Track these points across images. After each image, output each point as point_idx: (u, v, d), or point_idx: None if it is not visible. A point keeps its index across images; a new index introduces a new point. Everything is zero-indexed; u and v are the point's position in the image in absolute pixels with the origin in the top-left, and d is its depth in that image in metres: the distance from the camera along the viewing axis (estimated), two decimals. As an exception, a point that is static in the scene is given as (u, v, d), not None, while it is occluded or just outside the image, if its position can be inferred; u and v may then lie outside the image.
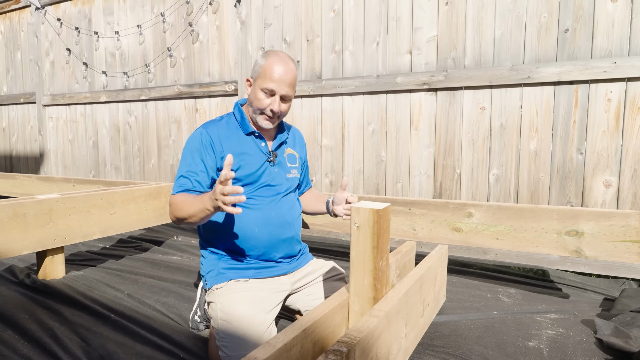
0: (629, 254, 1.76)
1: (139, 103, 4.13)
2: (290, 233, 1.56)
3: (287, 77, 1.47)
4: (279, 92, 1.47)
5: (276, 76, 1.45)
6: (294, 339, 0.90)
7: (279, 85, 1.46)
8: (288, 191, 1.60)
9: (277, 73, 1.45)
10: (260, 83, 1.48)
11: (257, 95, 1.49)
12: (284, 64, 1.47)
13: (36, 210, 2.03)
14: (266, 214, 1.51)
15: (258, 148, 1.56)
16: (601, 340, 1.55)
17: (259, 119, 1.52)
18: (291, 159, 1.65)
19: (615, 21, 2.30)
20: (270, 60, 1.47)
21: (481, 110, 2.66)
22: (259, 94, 1.48)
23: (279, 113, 1.51)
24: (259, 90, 1.48)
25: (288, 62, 1.49)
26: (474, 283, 2.26)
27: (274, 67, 1.46)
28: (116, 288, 2.11)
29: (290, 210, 1.59)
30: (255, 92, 1.50)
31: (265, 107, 1.48)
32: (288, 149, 1.66)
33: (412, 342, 1.31)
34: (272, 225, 1.51)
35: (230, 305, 1.40)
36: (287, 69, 1.47)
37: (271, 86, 1.46)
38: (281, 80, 1.46)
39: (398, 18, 2.86)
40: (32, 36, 4.82)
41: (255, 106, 1.50)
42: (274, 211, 1.53)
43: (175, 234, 3.27)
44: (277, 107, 1.48)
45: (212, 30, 3.65)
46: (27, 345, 1.56)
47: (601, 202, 2.39)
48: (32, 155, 5.07)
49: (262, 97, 1.48)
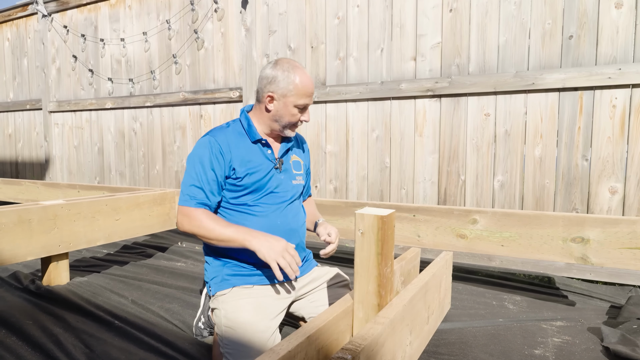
0: (636, 261, 1.74)
1: (144, 109, 4.16)
2: (296, 240, 1.56)
3: (313, 88, 1.55)
4: (309, 104, 1.55)
5: (309, 91, 1.51)
6: (298, 346, 0.89)
7: (310, 98, 1.54)
8: (293, 198, 1.60)
9: (309, 88, 1.51)
10: (294, 100, 1.50)
11: (290, 111, 1.51)
12: (307, 77, 1.52)
13: (41, 217, 2.04)
14: (272, 221, 1.51)
15: (264, 156, 1.56)
16: (608, 349, 1.53)
17: (287, 131, 1.55)
18: (296, 166, 1.65)
19: (620, 27, 2.30)
20: (301, 78, 1.50)
21: (485, 116, 2.65)
22: (292, 110, 1.51)
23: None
24: (291, 107, 1.50)
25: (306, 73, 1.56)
26: (479, 290, 2.24)
27: (306, 84, 1.50)
28: (120, 294, 2.11)
29: (295, 218, 1.58)
30: (287, 108, 1.51)
31: (297, 120, 1.54)
32: (293, 155, 1.66)
33: (417, 349, 1.30)
34: (278, 233, 1.50)
35: (234, 311, 1.39)
36: (311, 80, 1.54)
37: (306, 101, 1.52)
38: (312, 92, 1.54)
39: (402, 25, 2.88)
40: (38, 43, 4.87)
41: (288, 121, 1.53)
42: (280, 219, 1.53)
43: (180, 240, 3.27)
44: (307, 116, 1.55)
45: (217, 37, 3.68)
46: (31, 351, 1.56)
47: (607, 209, 2.38)
48: (38, 161, 5.10)
49: (296, 113, 1.52)
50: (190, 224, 1.45)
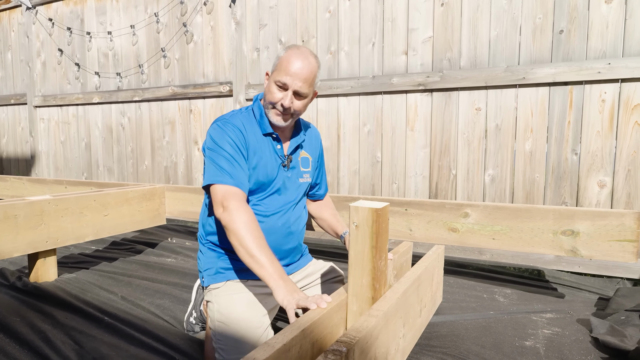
0: (624, 253, 1.76)
1: (132, 104, 4.10)
2: (294, 243, 1.52)
3: (304, 72, 1.37)
4: (292, 87, 1.38)
5: (292, 69, 1.36)
6: (292, 339, 0.88)
7: (293, 79, 1.37)
8: (298, 199, 1.52)
9: (292, 66, 1.37)
10: (275, 75, 1.40)
11: (270, 89, 1.41)
12: (302, 58, 1.38)
13: (27, 212, 2.00)
14: (273, 222, 1.45)
15: (274, 150, 1.47)
16: (597, 339, 1.55)
17: (270, 113, 1.43)
18: (305, 163, 1.57)
19: (610, 22, 2.32)
20: (289, 53, 1.39)
21: (477, 111, 2.66)
22: (272, 86, 1.40)
23: (291, 110, 1.41)
24: (272, 84, 1.41)
25: (308, 57, 1.39)
26: (470, 283, 2.26)
27: (290, 60, 1.37)
28: (109, 290, 2.08)
29: (296, 221, 1.52)
30: (269, 85, 1.42)
31: (277, 101, 1.40)
32: (302, 151, 1.57)
33: (410, 342, 1.30)
34: (277, 235, 1.46)
35: (227, 306, 1.38)
36: (305, 63, 1.38)
37: (284, 79, 1.37)
38: (296, 74, 1.36)
39: (394, 19, 2.87)
40: (23, 36, 4.77)
41: (268, 99, 1.42)
42: (281, 221, 1.47)
43: (170, 236, 3.24)
44: (288, 102, 1.39)
45: (206, 31, 3.63)
46: (19, 348, 1.53)
47: (595, 202, 2.40)
48: (23, 157, 5.00)
49: (274, 91, 1.40)
50: (232, 217, 1.25)
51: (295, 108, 1.41)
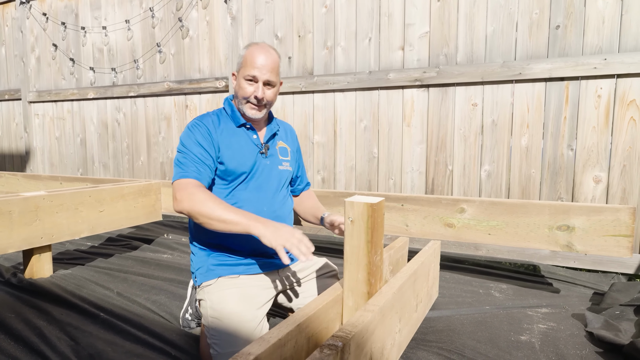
0: (619, 248, 1.77)
1: (127, 100, 4.07)
2: None
3: (268, 62, 1.50)
4: (262, 78, 1.50)
5: (258, 63, 1.49)
6: (288, 334, 0.88)
7: (260, 71, 1.49)
8: (280, 186, 1.59)
9: (257, 59, 1.49)
10: (243, 72, 1.52)
11: (241, 85, 1.52)
12: (264, 51, 1.50)
13: (22, 208, 1.98)
14: (257, 208, 1.50)
15: (250, 140, 1.55)
16: (591, 334, 1.56)
17: (246, 108, 1.54)
18: (283, 152, 1.64)
19: (606, 18, 2.32)
20: (251, 49, 1.52)
21: (473, 106, 2.66)
22: (242, 83, 1.52)
23: (264, 101, 1.52)
24: (242, 80, 1.52)
25: (269, 50, 1.52)
26: (466, 279, 2.27)
27: (254, 54, 1.50)
28: (105, 286, 2.07)
29: (282, 206, 1.58)
30: (239, 82, 1.54)
31: (250, 94, 1.51)
32: (280, 142, 1.65)
33: (406, 337, 1.30)
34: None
35: (220, 302, 1.38)
36: (268, 55, 1.50)
37: (253, 72, 1.49)
38: (262, 66, 1.49)
39: (390, 14, 2.86)
40: (16, 31, 4.73)
41: (241, 96, 1.53)
42: (266, 205, 1.52)
43: (166, 232, 3.23)
44: (260, 93, 1.50)
45: (202, 26, 3.61)
46: (14, 345, 1.52)
47: (591, 198, 2.41)
48: (18, 153, 4.97)
49: (245, 86, 1.51)
50: (191, 201, 1.35)
51: (267, 98, 1.52)
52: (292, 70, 3.23)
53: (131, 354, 1.46)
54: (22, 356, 1.44)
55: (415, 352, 1.45)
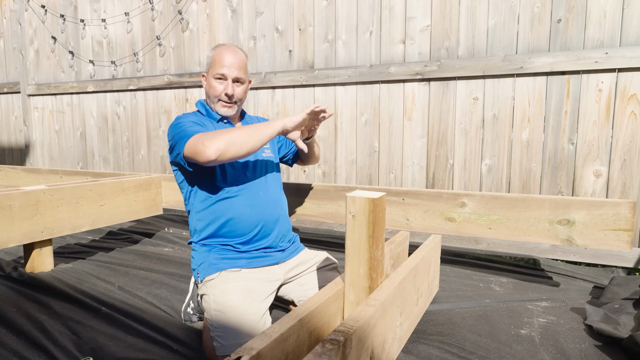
0: (619, 242, 1.77)
1: (127, 93, 4.06)
2: (279, 211, 1.60)
3: (236, 61, 1.56)
4: (230, 76, 1.56)
5: (226, 62, 1.55)
6: (290, 328, 0.89)
7: (229, 69, 1.56)
8: (268, 171, 1.64)
9: (225, 58, 1.56)
10: (212, 72, 1.58)
11: (211, 84, 1.58)
12: (231, 51, 1.58)
13: (22, 202, 1.98)
14: (253, 193, 1.55)
15: None
16: (591, 327, 1.57)
17: (218, 107, 1.59)
18: None
19: (607, 11, 2.31)
20: (218, 50, 1.59)
21: (474, 100, 2.66)
22: (212, 82, 1.58)
23: (234, 98, 1.58)
24: (212, 79, 1.58)
25: (235, 49, 1.60)
26: (466, 272, 2.27)
27: (221, 54, 1.57)
28: (107, 280, 2.08)
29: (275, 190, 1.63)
30: (209, 82, 1.60)
31: (220, 92, 1.57)
32: None
33: (407, 330, 1.31)
34: (261, 205, 1.55)
35: (223, 295, 1.39)
36: (235, 54, 1.58)
37: (222, 71, 1.55)
38: (231, 64, 1.56)
39: (391, 7, 2.84)
40: (15, 24, 4.70)
41: (212, 95, 1.59)
42: (261, 190, 1.58)
43: (167, 226, 3.23)
44: (230, 89, 1.56)
45: (202, 19, 3.59)
46: (16, 339, 1.53)
47: (591, 192, 2.41)
48: (17, 146, 4.96)
49: (215, 84, 1.57)
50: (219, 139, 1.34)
51: (237, 95, 1.59)
52: (292, 63, 3.21)
53: (133, 348, 1.47)
54: (24, 350, 1.45)
55: (416, 345, 1.46)
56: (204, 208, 1.54)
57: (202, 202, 1.54)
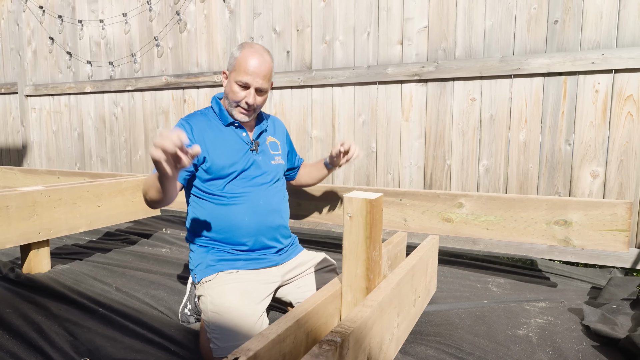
0: (616, 242, 1.78)
1: (125, 94, 4.05)
2: (279, 221, 1.57)
3: (262, 69, 1.46)
4: (254, 85, 1.47)
5: (250, 69, 1.45)
6: (287, 329, 0.89)
7: (254, 78, 1.46)
8: (274, 180, 1.60)
9: (251, 66, 1.45)
10: (234, 76, 1.48)
11: (232, 88, 1.49)
12: (258, 56, 1.46)
13: (19, 203, 1.98)
14: (254, 202, 1.52)
15: (239, 138, 1.56)
16: (588, 327, 1.57)
17: (235, 112, 1.52)
18: (273, 147, 1.65)
19: (604, 13, 2.31)
20: (245, 53, 1.47)
21: (471, 101, 2.66)
22: (234, 87, 1.49)
23: (254, 106, 1.51)
24: (233, 84, 1.49)
25: (263, 54, 1.48)
26: (464, 273, 2.28)
27: (248, 60, 1.46)
28: (104, 281, 2.07)
29: (277, 199, 1.59)
30: (230, 85, 1.50)
31: (240, 99, 1.49)
32: (269, 137, 1.66)
33: (404, 331, 1.31)
34: (261, 214, 1.51)
35: (220, 296, 1.38)
36: (262, 61, 1.47)
37: (245, 79, 1.46)
38: (255, 73, 1.46)
39: (389, 8, 2.84)
40: (12, 24, 4.68)
41: (231, 99, 1.51)
42: (262, 199, 1.53)
43: (164, 227, 3.23)
44: (252, 99, 1.48)
45: (200, 20, 3.59)
46: (12, 340, 1.52)
47: (588, 193, 2.42)
48: (15, 147, 4.95)
49: (237, 90, 1.48)
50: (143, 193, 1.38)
51: (257, 103, 1.51)
52: (290, 64, 3.21)
53: (130, 349, 1.47)
54: (21, 352, 1.45)
55: (414, 346, 1.46)
56: (203, 212, 1.52)
57: (202, 207, 1.53)
